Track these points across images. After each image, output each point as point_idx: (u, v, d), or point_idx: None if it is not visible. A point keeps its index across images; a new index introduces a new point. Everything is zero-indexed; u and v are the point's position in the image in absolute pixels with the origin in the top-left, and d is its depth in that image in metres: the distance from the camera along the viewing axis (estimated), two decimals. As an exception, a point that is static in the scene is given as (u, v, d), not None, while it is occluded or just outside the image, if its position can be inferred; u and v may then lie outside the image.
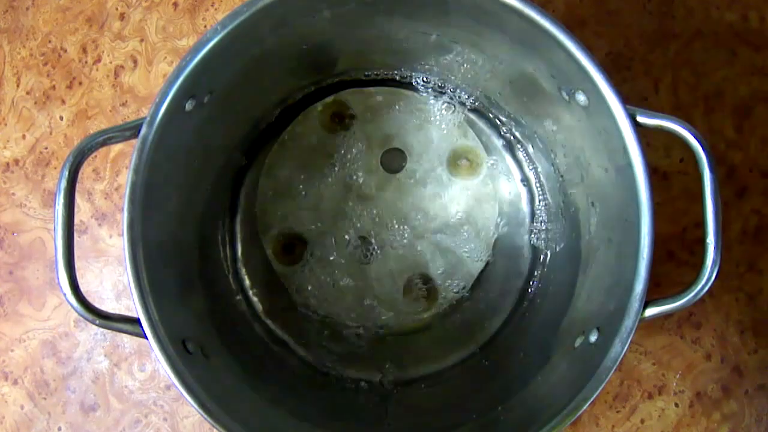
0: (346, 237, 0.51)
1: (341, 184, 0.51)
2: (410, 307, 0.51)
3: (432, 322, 0.51)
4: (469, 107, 0.50)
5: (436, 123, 0.51)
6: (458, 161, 0.51)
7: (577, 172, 0.44)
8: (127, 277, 0.37)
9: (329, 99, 0.51)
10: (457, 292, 0.51)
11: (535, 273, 0.50)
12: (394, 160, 0.51)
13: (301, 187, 0.51)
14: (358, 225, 0.51)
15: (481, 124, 0.51)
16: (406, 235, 0.51)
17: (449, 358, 0.50)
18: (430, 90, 0.50)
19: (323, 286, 0.51)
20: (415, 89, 0.51)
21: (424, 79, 0.50)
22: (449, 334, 0.51)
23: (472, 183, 0.51)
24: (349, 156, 0.51)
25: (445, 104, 0.50)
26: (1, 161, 0.54)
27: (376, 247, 0.51)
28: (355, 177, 0.51)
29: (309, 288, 0.51)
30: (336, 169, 0.51)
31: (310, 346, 0.50)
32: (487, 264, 0.51)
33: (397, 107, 0.51)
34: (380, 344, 0.51)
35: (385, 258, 0.51)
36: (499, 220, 0.50)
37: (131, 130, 0.37)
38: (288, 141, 0.51)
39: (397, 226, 0.51)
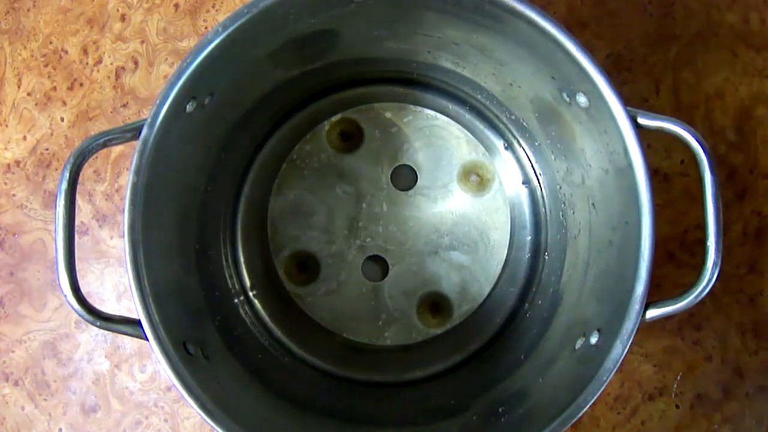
0: (359, 256, 0.51)
1: (352, 202, 0.51)
2: (424, 324, 0.51)
3: (441, 333, 0.51)
4: (469, 108, 0.50)
5: (445, 139, 0.51)
6: (469, 177, 0.50)
7: (578, 173, 0.44)
8: (127, 278, 0.37)
9: (336, 117, 0.51)
10: (470, 308, 0.50)
11: (536, 274, 0.50)
12: (404, 177, 0.51)
13: (311, 206, 0.51)
14: (371, 243, 0.51)
15: (481, 125, 0.51)
16: (418, 253, 0.51)
17: (450, 359, 0.50)
18: (433, 93, 0.50)
19: (336, 305, 0.51)
20: (422, 104, 0.51)
21: (424, 78, 0.50)
22: (451, 337, 0.51)
23: (483, 198, 0.51)
24: (358, 174, 0.51)
25: (453, 119, 0.50)
26: (2, 162, 0.54)
27: (389, 265, 0.51)
28: (365, 195, 0.51)
29: (321, 307, 0.51)
30: (346, 187, 0.51)
31: (313, 350, 0.50)
32: (499, 278, 0.50)
33: (405, 124, 0.51)
34: (386, 353, 0.51)
35: (398, 276, 0.51)
36: (513, 233, 0.50)
37: (132, 131, 0.37)
38: (297, 160, 0.51)
39: (409, 244, 0.51)
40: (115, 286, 0.53)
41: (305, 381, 0.49)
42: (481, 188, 0.51)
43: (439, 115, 0.51)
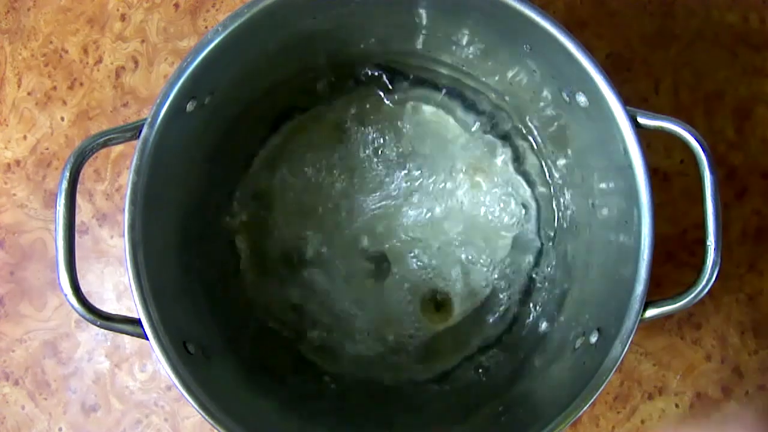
0: (360, 254, 0.51)
1: (353, 201, 0.51)
2: (425, 322, 0.51)
3: (441, 331, 0.51)
4: (469, 107, 0.50)
5: (445, 138, 0.51)
6: (469, 175, 0.50)
7: (578, 173, 0.45)
8: (128, 277, 0.37)
9: (337, 117, 0.51)
10: (471, 306, 0.50)
11: (536, 273, 0.50)
12: (405, 175, 0.51)
13: (313, 205, 0.51)
14: (372, 242, 0.51)
15: (482, 124, 0.51)
16: (421, 252, 0.51)
17: (451, 360, 0.50)
18: (433, 92, 0.50)
19: (336, 304, 0.50)
20: (423, 103, 0.51)
21: (424, 77, 0.50)
22: (451, 336, 0.51)
23: (483, 197, 0.50)
24: (360, 173, 0.51)
25: (454, 118, 0.50)
26: (2, 162, 0.54)
27: (390, 264, 0.51)
28: (367, 194, 0.51)
29: (321, 306, 0.51)
30: (347, 186, 0.51)
31: (315, 349, 0.50)
32: (499, 277, 0.50)
33: (406, 122, 0.51)
34: (387, 352, 0.51)
35: (399, 274, 0.51)
36: (513, 232, 0.50)
37: (132, 131, 0.37)
38: (297, 159, 0.51)
39: (410, 243, 0.51)
40: (116, 286, 0.53)
41: (307, 381, 0.49)
42: (481, 187, 0.51)
43: (439, 113, 0.51)
